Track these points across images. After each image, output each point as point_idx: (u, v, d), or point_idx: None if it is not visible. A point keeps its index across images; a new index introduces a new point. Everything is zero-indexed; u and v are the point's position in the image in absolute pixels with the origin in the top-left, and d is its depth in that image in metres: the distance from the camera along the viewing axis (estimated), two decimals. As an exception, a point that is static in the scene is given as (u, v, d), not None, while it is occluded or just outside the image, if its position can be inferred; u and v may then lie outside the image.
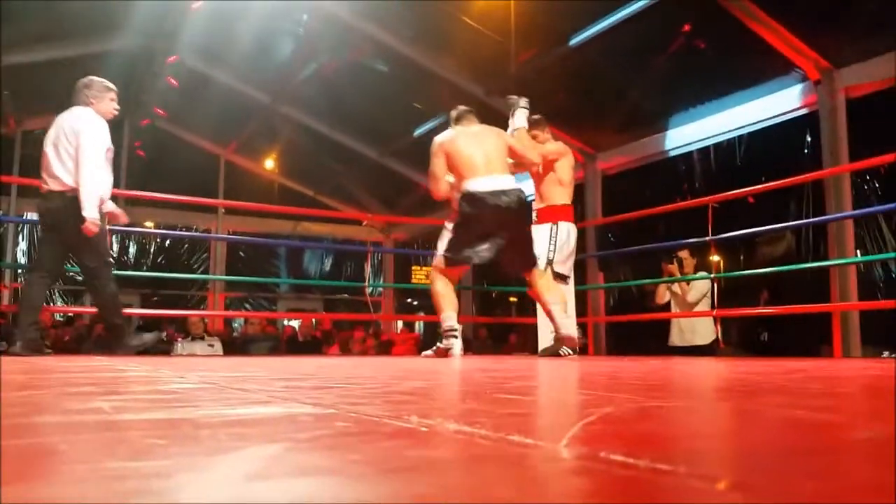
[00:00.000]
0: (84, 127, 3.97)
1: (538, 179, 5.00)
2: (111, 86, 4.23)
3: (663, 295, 6.20)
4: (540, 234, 4.70)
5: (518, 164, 4.62)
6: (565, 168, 4.96)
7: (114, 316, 4.14)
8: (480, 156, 4.23)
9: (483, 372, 2.35)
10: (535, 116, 4.94)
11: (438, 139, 4.39)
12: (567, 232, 4.89)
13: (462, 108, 4.56)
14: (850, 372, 2.33)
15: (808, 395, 1.39)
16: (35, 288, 4.13)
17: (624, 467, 0.51)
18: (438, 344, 4.30)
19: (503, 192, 4.15)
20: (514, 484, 0.49)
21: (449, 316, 4.27)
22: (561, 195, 4.93)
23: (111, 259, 4.10)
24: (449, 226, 4.31)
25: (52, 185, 4.00)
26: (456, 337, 4.22)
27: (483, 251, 4.18)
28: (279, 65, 9.20)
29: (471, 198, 4.15)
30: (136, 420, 0.85)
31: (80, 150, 3.90)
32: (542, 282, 4.45)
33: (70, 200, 3.91)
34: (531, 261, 4.42)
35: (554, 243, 4.80)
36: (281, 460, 0.56)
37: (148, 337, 4.33)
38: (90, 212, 3.86)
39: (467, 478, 0.51)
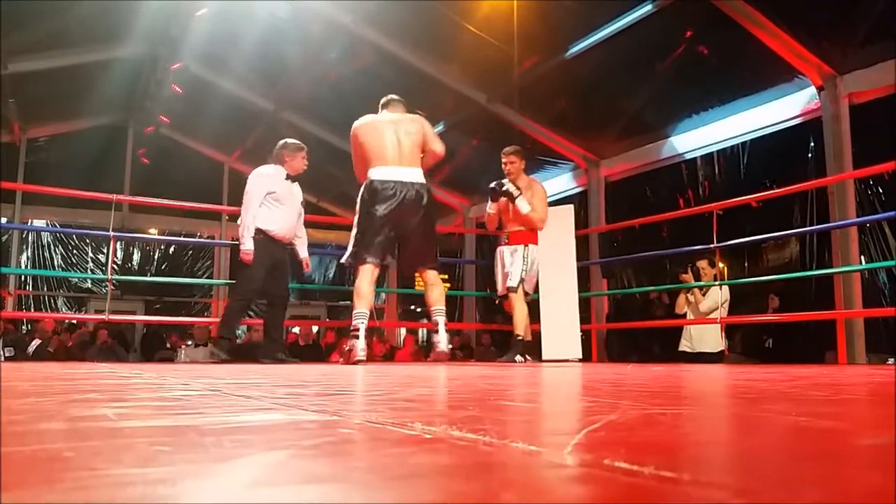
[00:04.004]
0: (250, 178, 5.06)
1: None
2: (302, 145, 5.16)
3: (682, 305, 6.14)
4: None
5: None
6: None
7: (225, 327, 5.06)
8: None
9: (486, 379, 2.34)
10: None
11: None
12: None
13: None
14: (854, 379, 2.32)
15: (812, 402, 1.38)
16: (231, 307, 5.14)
17: (628, 474, 0.51)
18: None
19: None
20: (518, 491, 0.49)
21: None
22: None
23: (252, 285, 4.88)
24: None
25: None
26: None
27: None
28: (283, 72, 9.22)
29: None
30: (141, 427, 0.86)
31: (245, 196, 4.95)
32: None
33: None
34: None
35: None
36: (285, 467, 0.56)
37: (223, 356, 4.82)
38: (246, 244, 4.79)
39: (471, 485, 0.51)
